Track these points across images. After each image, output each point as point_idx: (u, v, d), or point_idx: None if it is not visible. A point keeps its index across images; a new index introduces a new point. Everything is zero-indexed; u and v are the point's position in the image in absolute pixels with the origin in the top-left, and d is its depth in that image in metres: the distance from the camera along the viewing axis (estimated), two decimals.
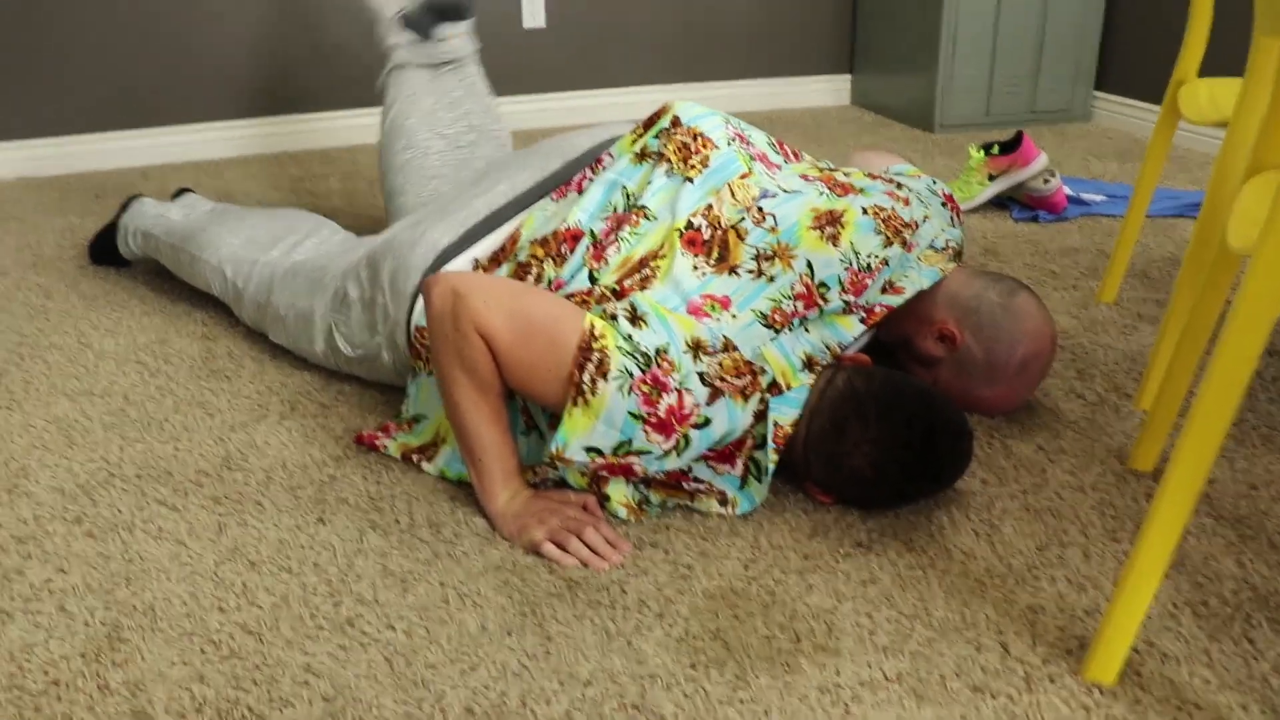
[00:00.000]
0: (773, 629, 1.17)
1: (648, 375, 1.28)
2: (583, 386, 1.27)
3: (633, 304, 1.35)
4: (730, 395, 1.33)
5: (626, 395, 1.27)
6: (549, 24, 3.63)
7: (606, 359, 1.27)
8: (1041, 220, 2.59)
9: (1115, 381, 1.74)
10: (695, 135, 1.57)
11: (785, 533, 1.35)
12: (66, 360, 1.89)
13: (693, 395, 1.30)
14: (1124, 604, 1.05)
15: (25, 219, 2.76)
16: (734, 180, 1.52)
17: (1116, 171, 3.04)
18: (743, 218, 1.48)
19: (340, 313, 1.69)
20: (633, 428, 1.28)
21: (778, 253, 1.45)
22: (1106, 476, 1.47)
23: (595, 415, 1.27)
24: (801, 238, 1.46)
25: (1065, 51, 3.58)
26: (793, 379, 1.39)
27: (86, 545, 1.34)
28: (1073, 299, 2.09)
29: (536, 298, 1.33)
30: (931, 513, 1.39)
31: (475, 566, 1.29)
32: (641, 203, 1.52)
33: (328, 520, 1.39)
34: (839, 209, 1.49)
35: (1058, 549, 1.31)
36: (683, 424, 1.29)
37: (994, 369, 1.53)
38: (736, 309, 1.40)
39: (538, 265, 1.52)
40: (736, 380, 1.34)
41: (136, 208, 2.23)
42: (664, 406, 1.28)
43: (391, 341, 1.62)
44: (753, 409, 1.35)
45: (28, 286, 2.25)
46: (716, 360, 1.33)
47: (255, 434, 1.61)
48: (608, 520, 1.38)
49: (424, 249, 1.59)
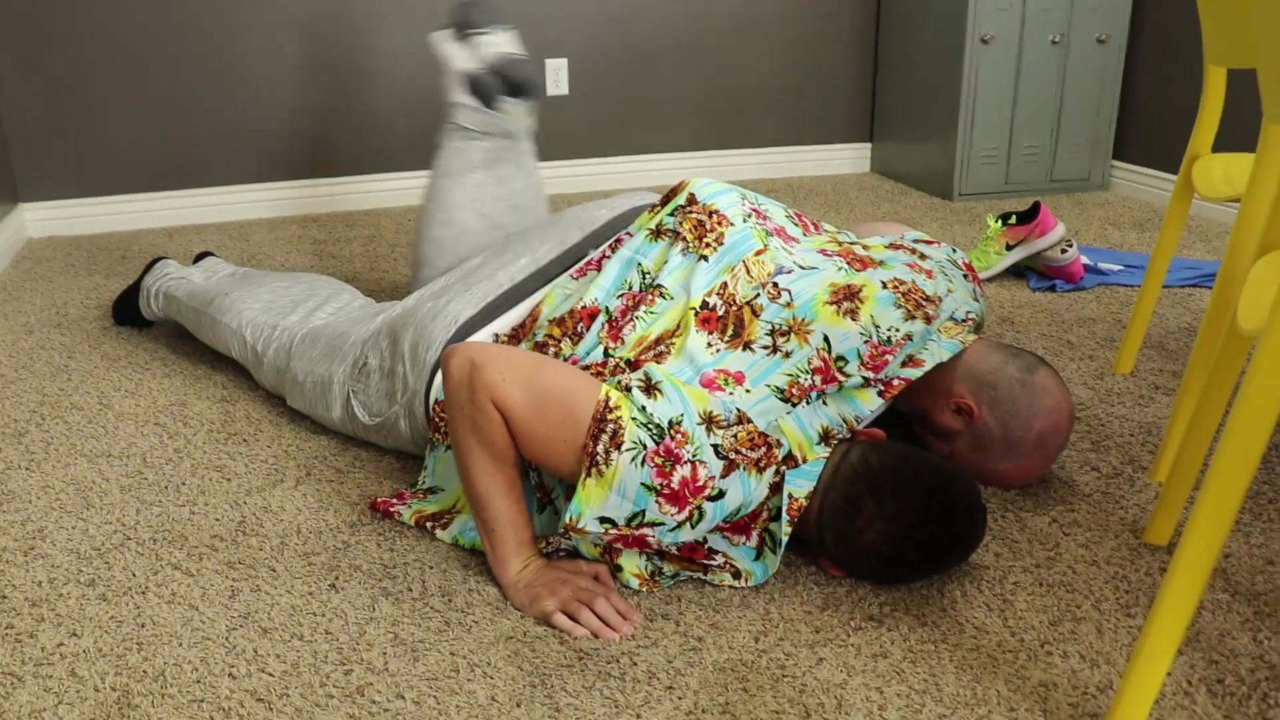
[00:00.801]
0: (782, 703, 1.16)
1: (660, 447, 1.28)
2: (596, 457, 1.28)
3: (647, 374, 1.36)
4: (745, 468, 1.33)
5: (640, 467, 1.27)
6: (572, 91, 3.69)
7: (621, 430, 1.28)
8: (1059, 289, 2.59)
9: (1130, 453, 1.73)
10: (711, 213, 1.59)
11: (796, 605, 1.34)
12: (86, 421, 1.91)
13: (706, 467, 1.30)
14: (1137, 681, 1.04)
15: (52, 279, 2.80)
16: (749, 257, 1.53)
17: (1134, 241, 3.05)
18: (758, 294, 1.49)
19: (359, 380, 1.71)
20: (645, 499, 1.28)
21: (793, 328, 1.46)
22: (1121, 550, 1.46)
23: (609, 486, 1.28)
24: (818, 313, 1.47)
25: (1084, 121, 3.61)
26: (809, 452, 1.39)
27: (99, 609, 1.35)
28: (1089, 369, 2.09)
29: (554, 370, 1.34)
30: (944, 586, 1.38)
31: (486, 636, 1.29)
32: (658, 282, 1.53)
33: (340, 587, 1.39)
34: (858, 284, 1.50)
35: (1071, 624, 1.30)
36: (696, 496, 1.29)
37: (1010, 444, 1.53)
38: (750, 384, 1.40)
39: (554, 344, 1.53)
40: (751, 453, 1.34)
41: (159, 269, 2.27)
42: (677, 478, 1.28)
43: (410, 411, 1.63)
44: (768, 481, 1.35)
45: (51, 345, 2.29)
46: (731, 433, 1.33)
47: (271, 499, 1.62)
48: (619, 591, 1.37)
49: (445, 321, 1.61)
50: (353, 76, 3.45)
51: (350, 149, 3.52)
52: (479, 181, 1.98)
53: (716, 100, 3.86)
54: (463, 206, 1.95)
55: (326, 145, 3.49)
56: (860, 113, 4.03)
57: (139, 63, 3.24)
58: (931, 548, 1.32)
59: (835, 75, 3.95)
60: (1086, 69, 3.54)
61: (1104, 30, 3.51)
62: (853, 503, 1.34)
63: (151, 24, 3.22)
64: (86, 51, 3.19)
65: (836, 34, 3.90)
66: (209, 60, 3.30)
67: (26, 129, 3.20)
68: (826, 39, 3.89)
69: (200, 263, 2.31)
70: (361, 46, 3.43)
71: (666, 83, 3.79)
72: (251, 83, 3.36)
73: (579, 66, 3.67)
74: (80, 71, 3.20)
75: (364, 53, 3.44)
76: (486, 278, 1.68)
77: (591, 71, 3.69)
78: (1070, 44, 3.50)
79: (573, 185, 3.80)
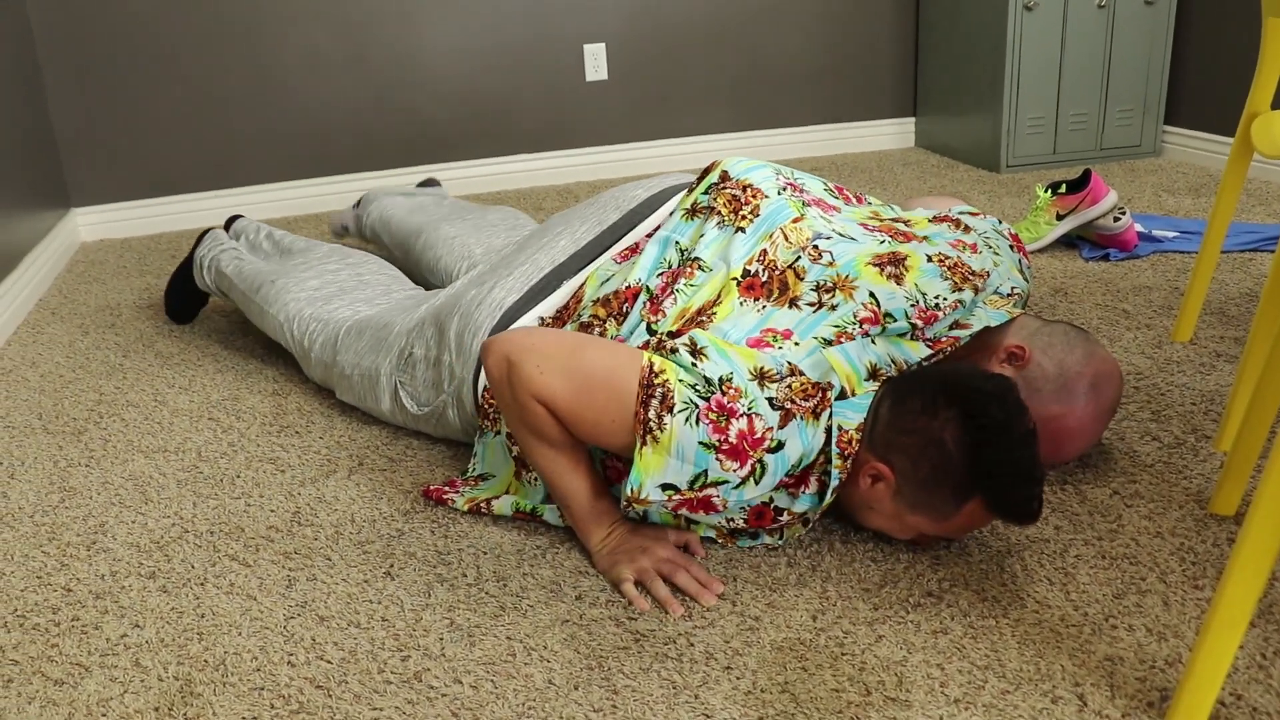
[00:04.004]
0: (842, 681, 1.15)
1: (713, 402, 1.26)
2: (649, 424, 1.26)
3: (692, 338, 1.34)
4: (801, 417, 1.29)
5: (695, 426, 1.25)
6: (611, 77, 3.68)
7: (670, 393, 1.26)
8: (1113, 258, 2.54)
9: (1193, 423, 1.70)
10: (745, 187, 1.57)
11: (854, 583, 1.33)
12: (143, 418, 1.93)
13: (763, 419, 1.27)
14: (1207, 654, 1.02)
15: (105, 280, 2.84)
16: (786, 225, 1.52)
17: (1190, 207, 2.98)
18: (798, 257, 1.47)
19: (406, 371, 1.71)
20: (705, 458, 1.26)
21: (838, 284, 1.43)
22: (1186, 521, 1.42)
23: (666, 451, 1.26)
24: (861, 271, 1.44)
25: (1133, 86, 3.53)
26: (858, 386, 1.35)
27: (160, 600, 1.37)
28: (1146, 338, 2.05)
29: (591, 350, 1.33)
30: (1003, 560, 1.36)
31: (542, 620, 1.29)
32: (696, 255, 1.52)
33: (395, 575, 1.40)
34: (902, 253, 1.48)
35: (1136, 597, 1.27)
36: (756, 449, 1.26)
37: (1066, 383, 1.48)
38: (799, 337, 1.38)
39: (599, 325, 1.53)
40: (806, 402, 1.30)
41: (210, 240, 2.30)
42: (734, 432, 1.25)
43: (458, 400, 1.63)
44: (823, 426, 1.31)
45: (107, 345, 2.32)
46: (784, 384, 1.30)
47: (324, 489, 1.63)
48: (702, 563, 1.37)
49: (490, 307, 1.61)
50: (390, 71, 3.46)
51: (390, 143, 3.53)
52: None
53: (755, 80, 3.83)
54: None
55: (366, 140, 3.51)
56: (903, 87, 3.98)
57: (181, 68, 3.27)
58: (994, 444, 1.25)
59: (876, 50, 3.90)
60: (1134, 32, 3.47)
61: None
62: (911, 400, 1.30)
63: (191, 30, 3.25)
64: (130, 60, 3.23)
65: (875, 8, 3.85)
66: (248, 62, 3.33)
67: (76, 137, 3.25)
68: (865, 13, 3.84)
69: (236, 225, 2.38)
70: (397, 41, 3.44)
71: (704, 64, 3.76)
72: (291, 82, 3.38)
73: (617, 51, 3.66)
74: (124, 79, 3.24)
75: (400, 47, 3.45)
76: (527, 260, 1.68)
77: (629, 56, 3.68)
78: (1116, 7, 3.43)
79: (613, 170, 3.79)
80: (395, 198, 2.56)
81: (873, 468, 1.31)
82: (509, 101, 3.61)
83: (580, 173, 3.75)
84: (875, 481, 1.32)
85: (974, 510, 1.28)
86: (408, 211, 2.45)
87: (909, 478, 1.29)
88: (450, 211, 2.41)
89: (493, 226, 2.23)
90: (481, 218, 2.29)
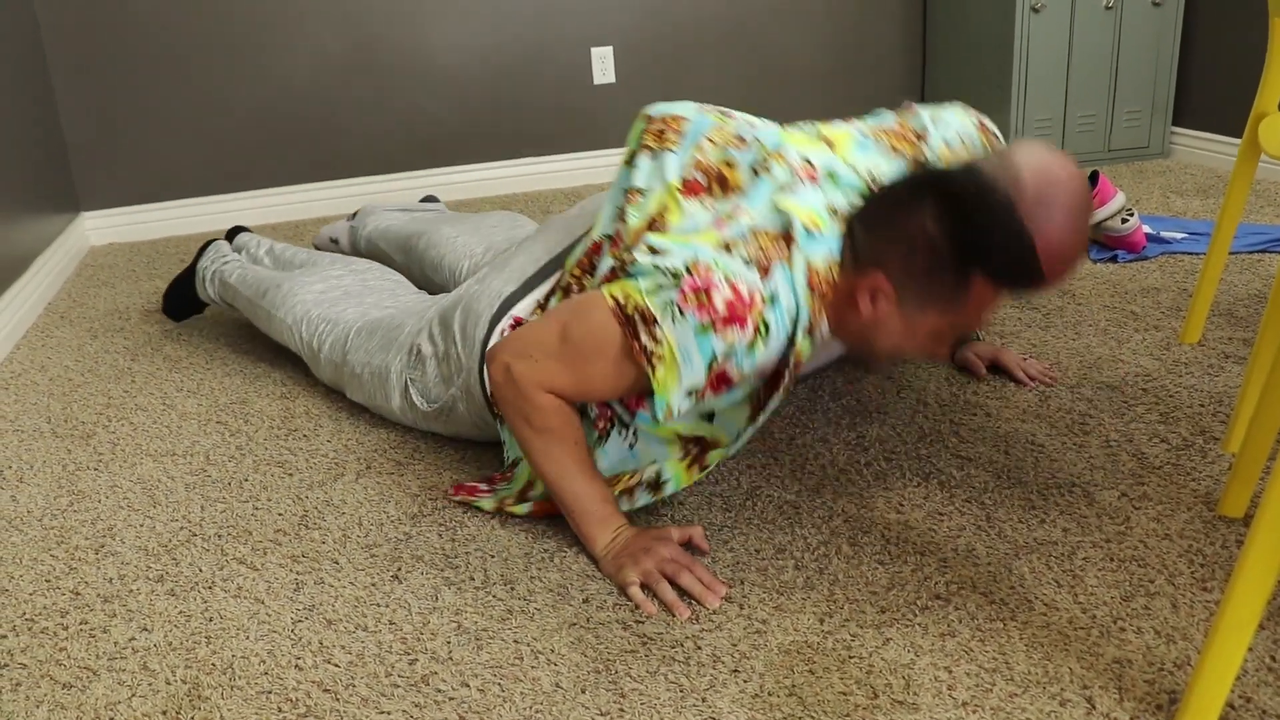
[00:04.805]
0: (849, 684, 1.15)
1: (686, 288, 1.27)
2: (648, 350, 1.28)
3: (647, 241, 1.36)
4: (780, 261, 1.30)
5: (682, 318, 1.26)
6: (619, 79, 3.68)
7: (644, 309, 1.28)
8: (1120, 260, 2.54)
9: (1201, 424, 1.69)
10: (667, 119, 1.59)
11: (861, 586, 1.33)
12: (151, 421, 1.94)
13: (744, 280, 1.28)
14: (1217, 656, 1.01)
15: (114, 284, 2.85)
16: (710, 131, 1.54)
17: (1198, 208, 2.97)
18: (726, 151, 1.50)
19: (415, 369, 1.72)
20: (707, 342, 1.26)
21: (770, 156, 1.46)
22: (1194, 523, 1.42)
23: (674, 361, 1.28)
24: (788, 139, 1.48)
25: (1140, 87, 3.53)
26: (823, 225, 1.36)
27: (168, 604, 1.37)
28: (1155, 340, 2.04)
29: (571, 322, 1.35)
30: (1011, 563, 1.35)
31: (549, 623, 1.29)
32: (634, 185, 1.54)
33: (403, 578, 1.40)
34: (829, 135, 1.50)
35: (1144, 599, 1.27)
36: (751, 309, 1.27)
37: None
38: (750, 207, 1.40)
39: (577, 283, 1.55)
40: (775, 250, 1.32)
41: (214, 251, 2.32)
42: (721, 302, 1.26)
43: (467, 392, 1.64)
44: (799, 266, 1.32)
45: (115, 349, 2.33)
46: (752, 243, 1.32)
47: (332, 492, 1.64)
48: (708, 565, 1.37)
49: (489, 297, 1.63)
50: (398, 75, 3.46)
51: (397, 147, 3.54)
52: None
53: (763, 82, 3.83)
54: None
55: (374, 144, 3.51)
56: (909, 87, 3.97)
57: (189, 73, 3.28)
58: (974, 218, 1.24)
59: (882, 51, 3.90)
60: (1142, 34, 3.46)
61: None
62: (892, 194, 1.29)
63: (199, 35, 3.26)
64: (138, 65, 3.24)
65: (883, 10, 3.84)
66: (256, 67, 3.34)
67: (85, 141, 3.26)
68: (873, 15, 3.84)
69: (238, 239, 2.40)
70: (405, 45, 3.44)
71: (712, 67, 3.76)
72: (299, 87, 3.39)
73: (624, 54, 3.66)
74: (133, 84, 3.25)
75: (408, 51, 3.45)
76: (524, 254, 1.71)
77: (637, 59, 3.68)
78: (1124, 8, 3.42)
79: None
80: (394, 213, 2.58)
81: (868, 284, 1.30)
82: (516, 104, 3.62)
83: (588, 176, 3.75)
84: (876, 298, 1.31)
85: (980, 288, 1.27)
86: (407, 220, 2.48)
87: (906, 278, 1.28)
88: (450, 216, 2.44)
89: (492, 228, 2.25)
90: (481, 221, 2.31)
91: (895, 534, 1.43)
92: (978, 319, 1.32)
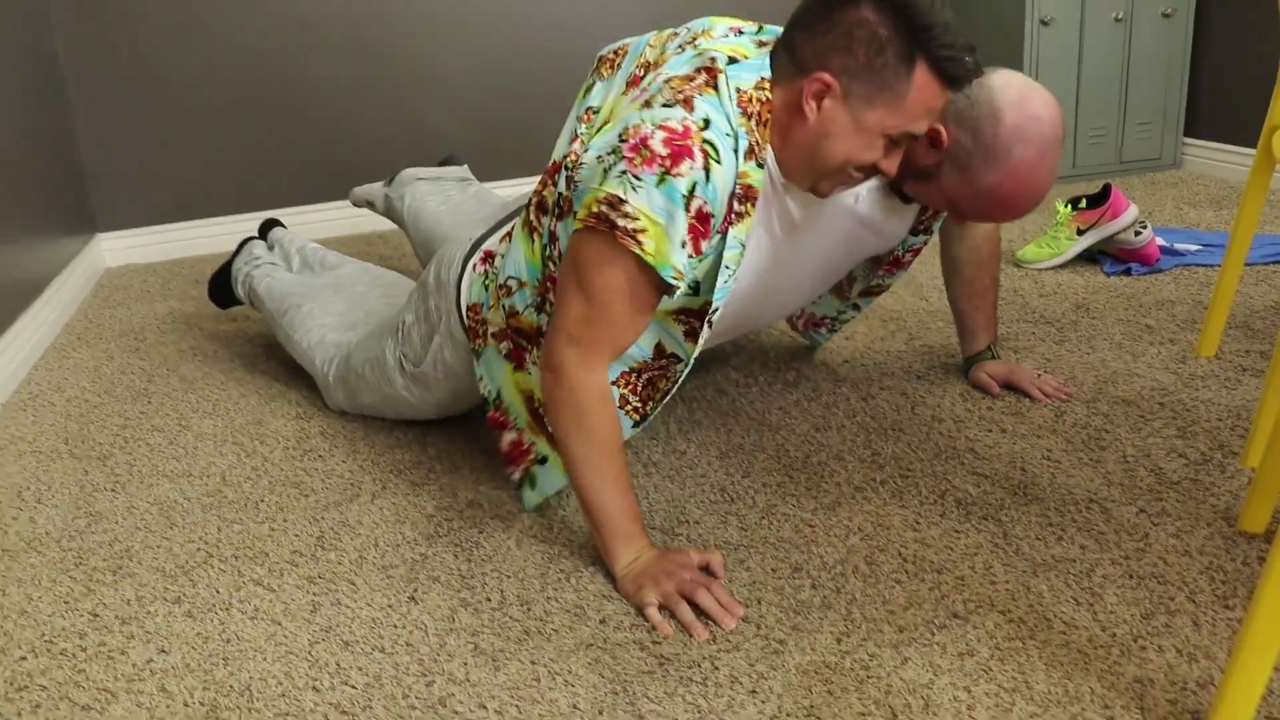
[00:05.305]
0: (868, 705, 1.14)
1: (625, 152, 1.30)
2: (628, 230, 1.30)
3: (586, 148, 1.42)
4: (699, 93, 1.34)
5: (640, 182, 1.29)
6: None
7: (608, 196, 1.31)
8: (1134, 273, 2.53)
9: (1219, 438, 1.68)
10: (616, 50, 1.64)
11: (879, 605, 1.32)
12: (167, 442, 1.95)
13: (671, 117, 1.31)
14: (1240, 676, 1.01)
15: (130, 305, 2.87)
16: (649, 40, 1.60)
17: (1212, 219, 2.96)
18: (664, 47, 1.55)
19: (404, 342, 1.78)
20: (669, 187, 1.28)
21: (698, 34, 1.52)
22: (1214, 539, 1.41)
23: (656, 222, 1.30)
24: (717, 20, 1.53)
25: (1151, 99, 3.52)
26: (749, 53, 1.40)
27: (186, 625, 1.37)
28: (1170, 353, 2.03)
29: (569, 276, 1.37)
30: (1029, 581, 1.35)
31: (566, 644, 1.28)
32: (590, 105, 1.59)
33: (420, 599, 1.40)
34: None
35: (1165, 617, 1.26)
36: (689, 137, 1.29)
37: (988, 149, 1.47)
38: (669, 70, 1.44)
39: (538, 197, 1.58)
40: (694, 82, 1.35)
41: (247, 252, 2.34)
42: (660, 144, 1.29)
43: (449, 336, 1.68)
44: (725, 91, 1.35)
45: (131, 370, 2.34)
46: (667, 88, 1.36)
47: (348, 513, 1.64)
48: (725, 586, 1.37)
49: (460, 243, 1.71)
50: (411, 95, 3.48)
51: (411, 164, 3.55)
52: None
53: None
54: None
55: (388, 162, 3.53)
56: None
57: (204, 94, 3.30)
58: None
59: None
60: (1152, 45, 3.46)
61: (1169, 4, 3.42)
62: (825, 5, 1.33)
63: (214, 57, 3.28)
64: (152, 87, 3.26)
65: None
66: (271, 87, 3.36)
67: (101, 162, 3.28)
68: None
69: (273, 234, 2.43)
70: (418, 65, 3.46)
71: None
72: (312, 106, 3.41)
73: None
74: (148, 106, 3.27)
75: (421, 71, 3.47)
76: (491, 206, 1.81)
77: None
78: (1134, 21, 3.42)
79: None
80: (426, 187, 2.58)
81: (812, 83, 1.32)
82: (530, 122, 3.63)
83: None
84: (822, 98, 1.33)
85: (923, 77, 1.30)
86: (438, 206, 2.48)
87: (850, 72, 1.31)
88: (476, 208, 2.46)
89: None
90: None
91: (912, 552, 1.43)
92: (922, 122, 1.34)
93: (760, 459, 1.72)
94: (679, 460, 1.74)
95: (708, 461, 1.73)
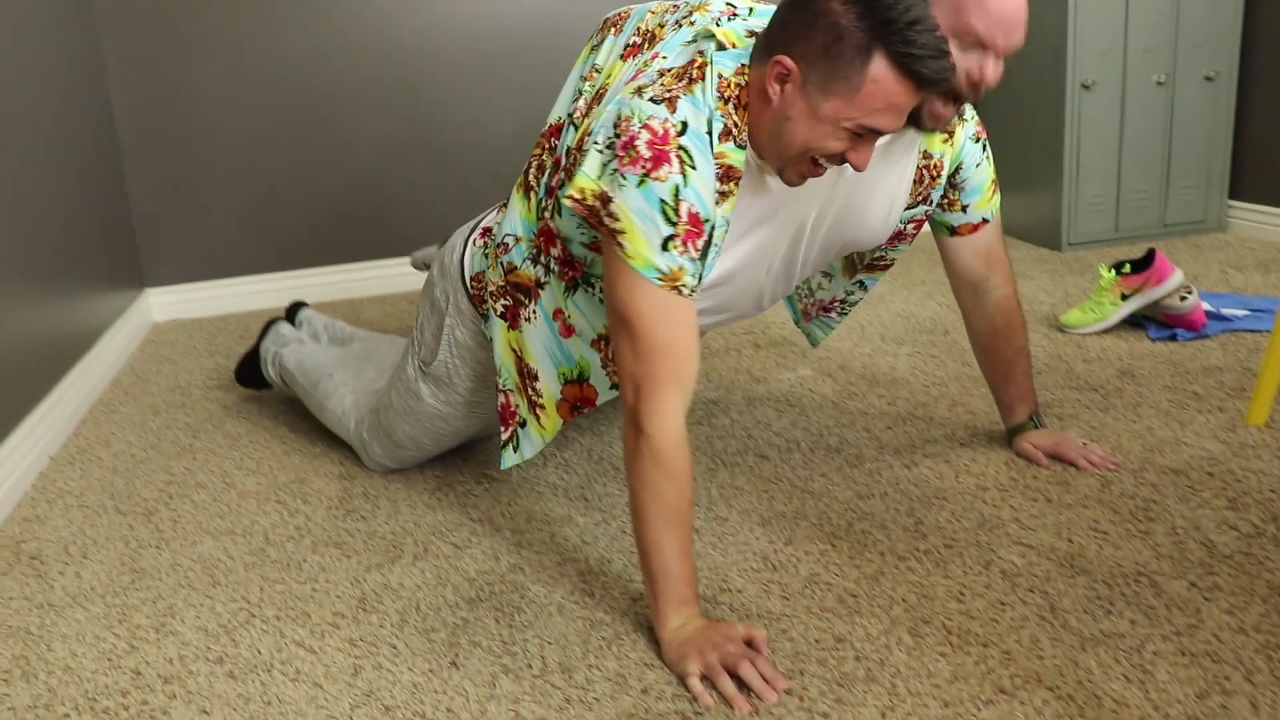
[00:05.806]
0: None
1: (618, 149, 1.36)
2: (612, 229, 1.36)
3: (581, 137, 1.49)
4: (683, 93, 1.38)
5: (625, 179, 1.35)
6: None
7: (599, 191, 1.37)
8: (1180, 339, 2.50)
9: (1272, 510, 1.65)
10: (620, 14, 1.70)
11: (923, 678, 1.30)
12: (211, 499, 1.96)
13: (655, 117, 1.35)
14: None
15: (176, 360, 2.91)
16: (651, 6, 1.64)
17: (1259, 283, 2.93)
18: (663, 21, 1.59)
19: (420, 348, 1.84)
20: (649, 190, 1.34)
21: (695, 8, 1.56)
22: (1270, 616, 1.38)
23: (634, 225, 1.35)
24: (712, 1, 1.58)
25: (1195, 160, 3.51)
26: (739, 41, 1.44)
27: (228, 686, 1.38)
28: (1219, 422, 2.00)
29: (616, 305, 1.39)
30: (1077, 655, 1.32)
31: (607, 713, 1.27)
32: (595, 64, 1.65)
33: (461, 664, 1.39)
34: None
35: (1220, 697, 1.23)
36: (668, 142, 1.35)
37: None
38: (664, 52, 1.49)
39: (537, 159, 1.63)
40: (682, 81, 1.40)
41: (274, 333, 2.36)
42: (644, 146, 1.34)
43: (457, 312, 1.75)
44: (709, 81, 1.40)
45: (177, 426, 2.37)
46: (658, 84, 1.41)
47: (390, 575, 1.64)
48: (769, 659, 1.35)
49: (463, 231, 1.79)
50: (454, 154, 3.53)
51: (455, 222, 3.60)
52: None
53: None
54: None
55: (432, 224, 3.57)
56: None
57: (252, 153, 3.37)
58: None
59: None
60: (1195, 108, 3.45)
61: (1212, 68, 3.42)
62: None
63: (260, 118, 3.35)
64: (203, 146, 3.33)
65: None
66: (316, 148, 3.42)
67: (151, 219, 3.35)
68: None
69: (300, 314, 2.47)
70: (463, 127, 3.52)
71: None
72: (358, 167, 3.47)
73: None
74: (198, 164, 3.34)
75: (465, 133, 3.52)
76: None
77: None
78: (1176, 84, 3.42)
79: None
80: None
81: (774, 66, 1.35)
82: None
83: None
84: (784, 82, 1.35)
85: (880, 74, 1.30)
86: None
87: (809, 56, 1.33)
88: None
89: None
90: None
91: (957, 624, 1.41)
92: (878, 115, 1.33)
93: (803, 526, 1.71)
94: (721, 527, 1.73)
95: (749, 529, 1.72)
